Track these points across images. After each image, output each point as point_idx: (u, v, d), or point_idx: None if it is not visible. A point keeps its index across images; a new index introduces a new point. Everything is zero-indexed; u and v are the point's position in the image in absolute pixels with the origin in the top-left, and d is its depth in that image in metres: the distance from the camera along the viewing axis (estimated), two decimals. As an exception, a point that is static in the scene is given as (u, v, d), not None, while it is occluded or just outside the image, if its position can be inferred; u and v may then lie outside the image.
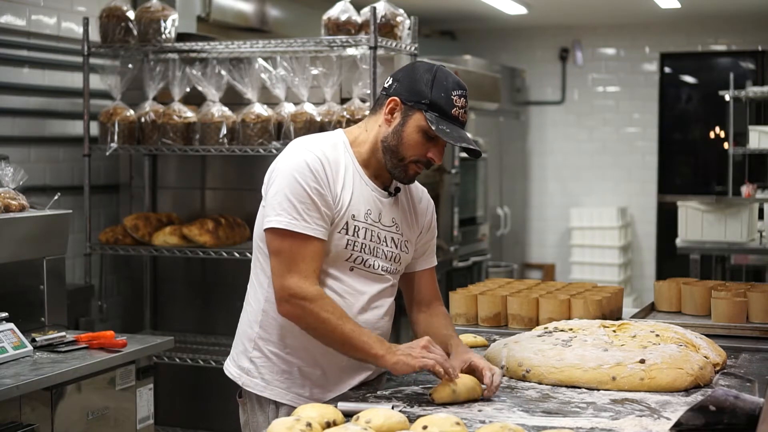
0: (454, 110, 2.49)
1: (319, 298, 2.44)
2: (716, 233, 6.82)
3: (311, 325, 2.46)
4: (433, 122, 2.47)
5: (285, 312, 2.48)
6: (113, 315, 5.31)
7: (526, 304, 3.24)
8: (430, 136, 2.50)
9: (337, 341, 2.46)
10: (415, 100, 2.50)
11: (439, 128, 2.47)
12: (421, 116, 2.49)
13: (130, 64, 4.99)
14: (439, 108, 2.48)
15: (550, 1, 8.13)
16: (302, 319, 2.46)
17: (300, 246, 2.45)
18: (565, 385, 2.52)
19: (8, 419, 2.92)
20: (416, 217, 2.71)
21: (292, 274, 2.44)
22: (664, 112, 9.39)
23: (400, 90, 2.53)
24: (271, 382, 2.60)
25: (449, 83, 2.50)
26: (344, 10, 4.60)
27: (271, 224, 2.47)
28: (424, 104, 2.49)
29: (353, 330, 2.43)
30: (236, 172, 5.17)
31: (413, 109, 2.50)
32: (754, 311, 3.25)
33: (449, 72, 2.55)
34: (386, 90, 2.57)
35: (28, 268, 3.69)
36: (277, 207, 2.46)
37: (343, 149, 2.58)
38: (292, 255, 2.45)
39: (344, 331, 2.42)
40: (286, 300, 2.45)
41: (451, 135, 2.47)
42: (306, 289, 2.43)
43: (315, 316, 2.43)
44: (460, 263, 6.56)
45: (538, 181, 9.63)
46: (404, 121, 2.51)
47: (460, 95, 2.51)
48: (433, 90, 2.48)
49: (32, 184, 4.58)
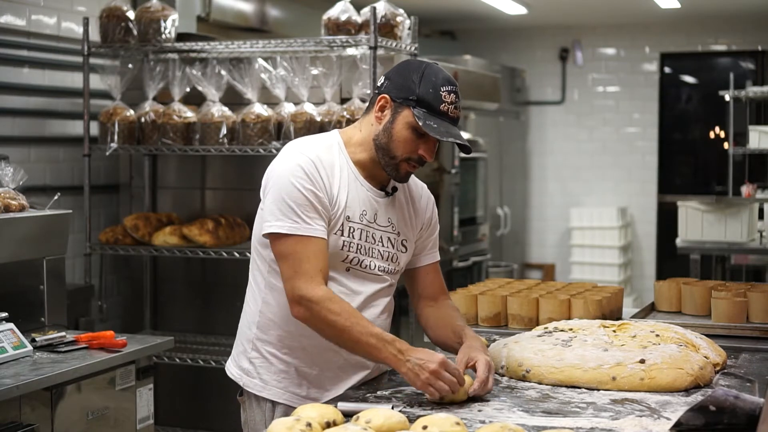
0: (443, 106, 2.48)
1: (326, 299, 2.43)
2: (716, 233, 6.82)
3: (320, 327, 2.45)
4: (421, 118, 2.46)
5: (297, 315, 2.47)
6: (113, 315, 5.31)
7: (526, 304, 3.24)
8: (420, 133, 2.49)
9: (346, 343, 2.45)
10: (404, 96, 2.50)
11: (426, 123, 2.46)
12: (409, 113, 2.49)
13: (130, 64, 4.99)
14: (427, 104, 2.48)
15: (550, 1, 8.13)
16: (311, 321, 2.46)
17: (303, 248, 2.45)
18: (565, 385, 2.52)
19: (8, 419, 2.92)
20: (416, 215, 2.71)
21: (299, 277, 2.44)
22: (664, 112, 9.39)
23: (390, 87, 2.53)
24: (269, 382, 2.61)
25: (438, 79, 2.49)
26: (344, 10, 4.60)
27: (272, 229, 2.48)
28: (412, 101, 2.48)
29: (361, 333, 2.40)
30: (236, 172, 5.16)
31: (402, 105, 2.50)
32: (754, 311, 3.25)
33: (440, 69, 2.54)
34: (378, 88, 2.57)
35: (28, 268, 3.69)
36: (276, 212, 2.47)
37: (338, 150, 2.58)
38: (296, 258, 2.45)
39: (352, 333, 2.41)
40: (297, 302, 2.45)
41: (437, 130, 2.46)
42: (312, 290, 2.42)
43: (322, 318, 2.42)
44: (460, 263, 6.56)
45: (538, 181, 9.63)
46: (393, 118, 2.51)
47: (450, 91, 2.50)
48: (421, 86, 2.48)
49: (32, 184, 4.58)
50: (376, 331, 2.41)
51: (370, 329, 2.42)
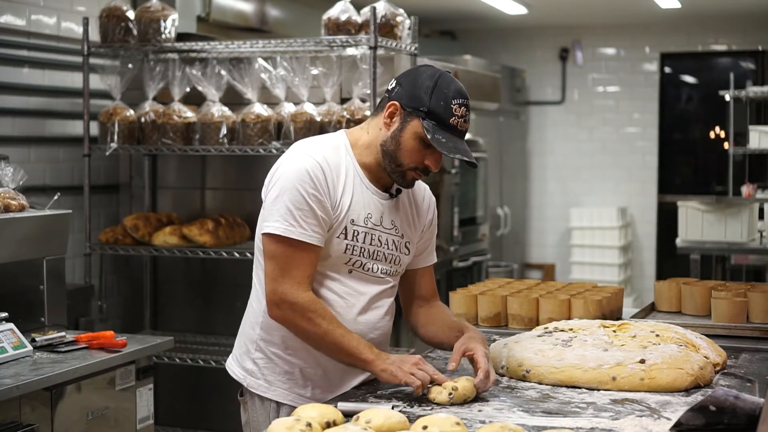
0: (453, 119, 2.46)
1: (311, 304, 2.45)
2: (716, 233, 6.82)
3: (301, 330, 2.48)
4: (430, 131, 2.45)
5: (275, 316, 2.50)
6: (113, 315, 5.31)
7: (526, 304, 3.24)
8: (427, 144, 2.47)
9: (327, 346, 2.48)
10: (414, 106, 2.47)
11: (435, 137, 2.44)
12: (418, 123, 2.47)
13: (130, 64, 4.99)
14: (437, 116, 2.45)
15: (550, 1, 8.13)
16: (292, 323, 2.48)
17: (295, 252, 2.45)
18: (565, 385, 2.52)
19: (8, 419, 2.91)
20: (418, 216, 2.71)
21: (284, 280, 2.45)
22: (664, 112, 9.39)
23: (401, 95, 2.50)
24: (274, 383, 2.61)
25: (450, 91, 2.46)
26: (344, 10, 4.60)
27: (268, 229, 2.48)
28: (422, 111, 2.46)
29: (343, 335, 2.45)
30: (236, 172, 5.16)
31: (412, 115, 2.48)
32: (754, 311, 3.25)
33: (453, 79, 2.51)
34: (388, 93, 2.55)
35: (28, 268, 3.69)
36: (275, 213, 2.47)
37: (345, 152, 2.57)
38: (286, 260, 2.46)
39: (334, 336, 2.45)
40: (277, 304, 2.47)
41: (446, 145, 2.45)
42: (297, 295, 2.45)
43: (305, 321, 2.45)
44: (460, 263, 6.56)
45: (538, 181, 9.63)
46: (402, 126, 2.50)
47: (461, 104, 2.47)
48: (432, 97, 2.45)
49: (32, 184, 4.58)
50: (355, 336, 2.47)
51: (350, 335, 2.46)
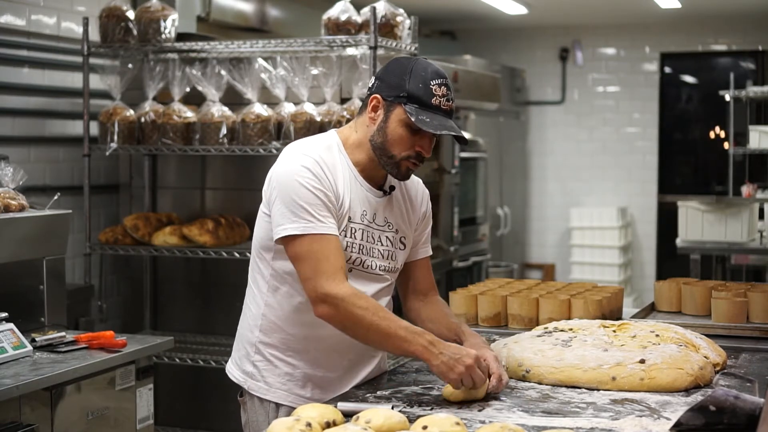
0: (434, 99, 2.46)
1: (352, 295, 2.39)
2: (716, 233, 6.82)
3: (347, 324, 2.41)
4: (413, 113, 2.44)
5: (321, 314, 2.42)
6: (113, 315, 5.31)
7: (526, 304, 3.24)
8: (415, 129, 2.47)
9: (375, 338, 2.40)
10: (394, 94, 2.48)
11: (419, 119, 2.44)
12: (401, 110, 2.47)
13: (130, 64, 4.99)
14: (419, 99, 2.46)
15: (550, 1, 8.13)
16: (337, 318, 2.41)
17: (320, 246, 2.41)
18: (565, 385, 2.52)
19: (8, 419, 2.91)
20: (413, 211, 2.71)
21: (320, 276, 2.39)
22: (664, 112, 9.39)
23: (381, 87, 2.51)
24: (274, 385, 2.60)
25: (427, 73, 2.47)
26: (344, 10, 4.60)
27: (286, 232, 2.43)
28: (403, 97, 2.46)
29: (389, 326, 2.37)
30: (236, 172, 5.16)
31: (394, 104, 2.48)
32: (754, 311, 3.25)
33: (429, 63, 2.52)
34: (369, 89, 2.56)
35: (28, 268, 3.69)
36: (289, 214, 2.43)
37: (337, 151, 2.57)
38: (315, 257, 2.41)
39: (380, 327, 2.37)
40: (322, 301, 2.40)
41: (431, 124, 2.44)
42: (336, 287, 2.38)
43: (349, 314, 2.38)
44: (460, 263, 6.56)
45: (538, 181, 9.63)
46: (387, 117, 2.50)
47: (440, 84, 2.48)
48: (410, 81, 2.46)
49: (32, 184, 4.58)
50: (405, 324, 2.39)
51: (399, 322, 2.39)
